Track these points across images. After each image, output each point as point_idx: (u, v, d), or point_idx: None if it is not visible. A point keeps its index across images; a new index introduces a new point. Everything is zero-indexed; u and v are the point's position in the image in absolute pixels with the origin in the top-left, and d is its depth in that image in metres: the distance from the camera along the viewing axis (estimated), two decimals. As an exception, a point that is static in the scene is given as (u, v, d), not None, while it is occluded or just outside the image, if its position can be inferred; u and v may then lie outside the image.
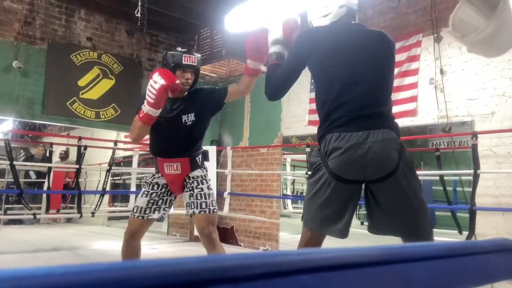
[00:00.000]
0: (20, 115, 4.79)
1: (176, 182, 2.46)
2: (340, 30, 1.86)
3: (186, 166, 2.43)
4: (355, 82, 1.75)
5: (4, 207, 4.99)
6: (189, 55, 2.42)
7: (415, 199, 1.63)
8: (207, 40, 5.70)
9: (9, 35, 4.71)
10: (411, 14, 4.34)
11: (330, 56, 1.79)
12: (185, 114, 2.42)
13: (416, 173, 1.70)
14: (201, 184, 2.43)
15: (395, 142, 1.66)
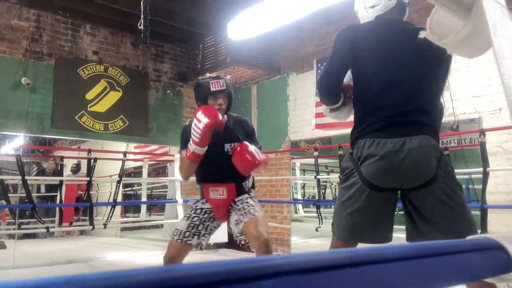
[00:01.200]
0: (30, 131, 4.88)
1: (221, 207, 2.41)
2: (385, 25, 1.72)
3: (232, 191, 2.39)
4: (395, 84, 1.64)
5: (18, 222, 5.06)
6: (217, 81, 2.39)
7: (456, 206, 1.54)
8: (212, 48, 5.75)
9: (17, 53, 4.81)
10: (413, 13, 4.33)
11: (370, 55, 1.69)
12: (228, 143, 2.41)
13: (457, 180, 1.61)
14: (246, 200, 2.39)
15: (434, 148, 1.57)
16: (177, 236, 2.37)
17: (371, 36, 1.71)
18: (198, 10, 5.22)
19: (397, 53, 1.67)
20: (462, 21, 0.65)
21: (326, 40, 5.09)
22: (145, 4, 3.46)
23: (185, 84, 6.18)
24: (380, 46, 1.68)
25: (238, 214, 2.32)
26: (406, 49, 1.66)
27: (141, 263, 5.11)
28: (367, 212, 1.61)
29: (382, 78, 1.66)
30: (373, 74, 1.68)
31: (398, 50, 1.66)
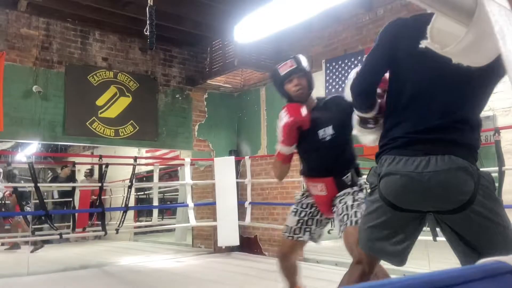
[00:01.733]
0: (43, 138, 4.93)
1: (323, 204, 2.25)
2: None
3: (331, 187, 2.17)
4: (427, 94, 1.43)
5: (32, 228, 5.11)
6: (284, 63, 2.18)
7: (499, 227, 1.37)
8: (219, 51, 5.74)
9: (28, 61, 4.87)
10: (423, 10, 4.25)
11: (407, 57, 1.46)
12: (321, 128, 2.16)
13: (499, 200, 1.43)
14: (345, 197, 2.14)
15: (465, 170, 1.36)
16: (288, 233, 2.28)
17: (415, 34, 1.34)
18: (205, 13, 5.22)
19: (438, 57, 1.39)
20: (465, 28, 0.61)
21: (335, 40, 5.03)
22: (150, 10, 3.45)
23: (194, 87, 6.19)
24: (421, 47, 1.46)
25: (338, 217, 2.12)
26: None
27: (154, 267, 5.13)
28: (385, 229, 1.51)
29: (414, 85, 1.46)
30: (406, 79, 1.48)
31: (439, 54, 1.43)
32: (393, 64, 1.51)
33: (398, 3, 4.46)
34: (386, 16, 4.56)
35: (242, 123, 6.43)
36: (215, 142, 6.27)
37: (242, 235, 5.88)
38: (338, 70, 4.84)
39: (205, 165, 6.53)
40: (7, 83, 4.64)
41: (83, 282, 4.30)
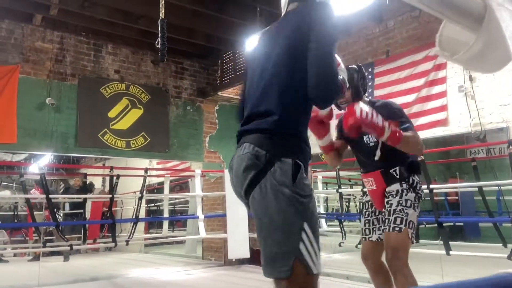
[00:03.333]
0: (55, 150, 4.98)
1: (375, 198, 2.32)
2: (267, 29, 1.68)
3: (379, 180, 2.27)
4: (250, 91, 1.55)
5: (43, 240, 5.14)
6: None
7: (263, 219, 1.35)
8: (230, 63, 5.78)
9: (42, 74, 4.95)
10: (434, 22, 4.23)
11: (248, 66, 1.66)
12: (366, 135, 2.28)
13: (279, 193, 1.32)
14: (392, 198, 2.20)
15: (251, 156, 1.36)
16: (362, 235, 2.38)
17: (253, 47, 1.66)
18: (217, 26, 5.27)
19: (257, 57, 1.57)
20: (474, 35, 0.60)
21: (345, 52, 5.03)
22: (162, 23, 3.50)
23: (205, 99, 6.22)
24: (252, 56, 1.64)
25: (384, 217, 2.21)
26: (263, 48, 1.54)
27: (164, 280, 5.10)
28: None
29: (247, 84, 1.60)
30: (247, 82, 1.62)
31: (258, 54, 1.57)
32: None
33: (408, 15, 4.45)
34: (397, 28, 4.56)
35: (252, 135, 6.43)
36: (225, 154, 6.27)
37: (252, 248, 5.83)
38: (348, 82, 4.82)
39: (215, 177, 6.52)
40: (21, 96, 4.73)
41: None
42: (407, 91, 4.24)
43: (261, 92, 1.47)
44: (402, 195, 2.17)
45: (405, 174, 2.21)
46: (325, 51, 1.35)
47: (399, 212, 2.11)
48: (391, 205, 2.16)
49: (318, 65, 1.34)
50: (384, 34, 4.66)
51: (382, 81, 4.51)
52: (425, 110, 4.07)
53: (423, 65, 4.18)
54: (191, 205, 7.57)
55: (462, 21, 0.55)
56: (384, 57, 4.59)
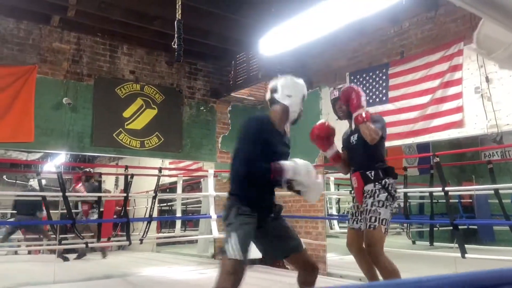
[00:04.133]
0: (71, 149, 5.06)
1: (357, 193, 2.80)
2: None
3: (359, 180, 2.75)
4: None
5: (59, 237, 5.22)
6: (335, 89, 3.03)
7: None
8: (244, 64, 5.81)
9: (59, 74, 5.03)
10: (449, 22, 4.21)
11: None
12: (353, 135, 2.84)
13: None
14: (367, 199, 2.67)
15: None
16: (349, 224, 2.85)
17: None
18: (231, 27, 5.30)
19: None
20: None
21: (359, 53, 5.02)
22: (178, 24, 3.53)
23: (218, 100, 6.26)
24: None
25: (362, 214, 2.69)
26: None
27: (177, 278, 5.14)
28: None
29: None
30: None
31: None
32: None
33: (423, 16, 4.42)
34: (411, 29, 4.53)
35: (265, 136, 6.43)
36: (238, 154, 6.28)
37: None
38: (362, 83, 4.81)
39: (227, 177, 6.55)
40: (38, 95, 4.81)
41: (108, 291, 4.35)
42: (422, 92, 4.21)
43: None
44: (375, 195, 2.63)
45: (380, 176, 2.67)
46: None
47: (373, 212, 2.58)
48: (367, 205, 2.63)
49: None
50: (399, 35, 4.64)
51: (396, 82, 4.49)
52: (440, 111, 4.04)
53: (438, 66, 4.15)
54: (204, 205, 7.61)
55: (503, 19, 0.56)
56: (398, 58, 4.57)
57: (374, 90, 4.70)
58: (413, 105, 4.28)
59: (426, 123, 4.12)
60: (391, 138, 4.49)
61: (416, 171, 7.08)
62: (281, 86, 2.38)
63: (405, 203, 5.35)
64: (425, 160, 6.81)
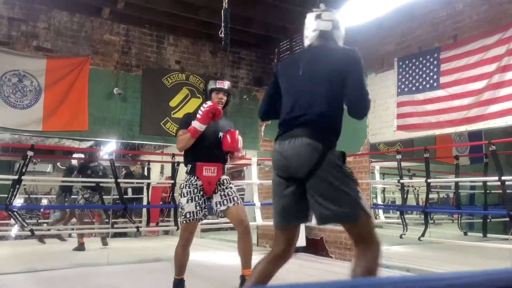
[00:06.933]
0: (122, 137, 5.26)
1: (212, 183, 3.07)
2: (302, 53, 2.29)
3: (219, 170, 3.11)
4: (295, 97, 2.06)
5: (111, 221, 5.47)
6: (221, 81, 3.28)
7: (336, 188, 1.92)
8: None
9: (110, 65, 5.23)
10: (507, 3, 3.97)
11: (285, 78, 2.17)
12: (221, 131, 3.12)
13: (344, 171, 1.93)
14: (229, 185, 3.12)
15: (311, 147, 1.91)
16: (192, 217, 2.97)
17: (287, 65, 2.26)
18: (275, 15, 5.27)
19: (299, 73, 2.08)
20: None
21: (409, 37, 4.85)
22: (225, 13, 3.57)
23: (261, 88, 6.27)
24: (290, 70, 2.15)
25: (222, 197, 3.05)
26: (308, 68, 2.07)
27: (222, 263, 5.26)
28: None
29: (288, 95, 2.10)
30: (284, 92, 2.14)
31: (301, 71, 2.08)
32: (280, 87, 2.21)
33: (479, -4, 4.20)
34: (466, 10, 4.32)
35: (308, 124, 6.40)
36: (281, 143, 6.29)
37: (308, 236, 5.85)
38: (412, 69, 4.66)
39: (270, 166, 6.58)
40: (91, 86, 5.02)
41: (158, 274, 4.52)
42: (477, 77, 4.02)
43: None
44: (231, 184, 3.15)
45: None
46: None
47: (236, 192, 3.13)
48: (232, 188, 3.12)
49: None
50: (451, 18, 4.43)
51: (449, 67, 4.31)
52: (496, 97, 3.84)
53: (495, 49, 3.94)
54: (247, 192, 7.69)
55: None
56: (451, 41, 4.37)
57: (425, 76, 4.53)
58: (467, 91, 4.09)
59: (481, 110, 3.94)
60: (442, 126, 4.33)
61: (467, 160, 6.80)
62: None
63: (456, 193, 5.16)
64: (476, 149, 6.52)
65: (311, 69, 2.04)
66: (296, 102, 2.02)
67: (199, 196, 3.02)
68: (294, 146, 1.91)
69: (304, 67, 2.07)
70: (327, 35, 2.15)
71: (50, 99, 4.77)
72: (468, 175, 6.62)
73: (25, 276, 4.29)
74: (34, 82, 4.71)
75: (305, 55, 2.16)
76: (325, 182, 1.86)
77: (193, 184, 3.03)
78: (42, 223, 8.64)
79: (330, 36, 2.16)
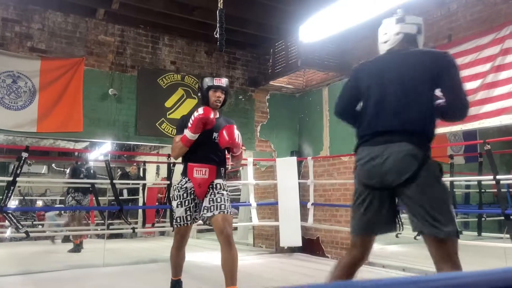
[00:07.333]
0: (117, 138, 5.25)
1: (203, 186, 2.90)
2: (386, 56, 2.12)
3: (212, 173, 2.91)
4: (383, 102, 1.99)
5: (107, 223, 5.45)
6: (219, 78, 3.02)
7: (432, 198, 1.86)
8: (282, 52, 5.77)
9: (105, 66, 5.20)
10: (501, 4, 4.00)
11: (370, 81, 2.07)
12: (216, 132, 2.92)
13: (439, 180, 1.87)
14: (221, 190, 2.91)
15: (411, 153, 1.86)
16: (183, 222, 2.89)
17: (372, 66, 2.14)
18: (269, 15, 5.28)
19: (389, 74, 2.01)
20: None
21: (403, 38, 4.86)
22: (220, 13, 3.56)
23: (256, 89, 6.27)
24: (377, 73, 2.06)
25: (210, 202, 2.85)
26: (396, 72, 2.00)
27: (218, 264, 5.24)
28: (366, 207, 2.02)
29: (374, 98, 2.02)
30: (371, 96, 2.04)
31: (391, 72, 2.01)
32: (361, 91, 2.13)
33: (473, -3, 4.22)
34: (460, 11, 4.34)
35: (304, 124, 6.41)
36: (277, 143, 6.31)
37: (304, 236, 5.86)
38: (406, 69, 4.68)
39: (266, 166, 6.59)
40: (86, 87, 5.00)
41: (154, 275, 4.51)
42: (471, 77, 4.04)
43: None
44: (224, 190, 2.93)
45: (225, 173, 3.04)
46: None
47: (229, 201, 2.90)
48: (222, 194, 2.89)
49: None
50: (446, 18, 4.46)
51: (443, 67, 4.33)
52: (491, 96, 3.87)
53: (489, 49, 3.97)
54: (243, 193, 7.70)
55: None
56: (446, 42, 4.39)
57: (419, 76, 4.56)
58: (461, 91, 4.12)
59: (476, 109, 3.96)
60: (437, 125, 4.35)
61: (462, 159, 6.84)
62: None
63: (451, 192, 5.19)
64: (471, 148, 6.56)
65: (401, 74, 1.98)
66: (388, 107, 1.96)
67: (189, 200, 2.90)
68: (391, 152, 1.85)
69: (393, 72, 2.01)
70: (411, 38, 2.10)
71: (45, 100, 4.74)
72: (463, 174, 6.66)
73: (20, 278, 4.27)
74: (28, 83, 4.69)
75: (391, 59, 2.07)
76: (426, 193, 1.80)
77: (183, 187, 2.90)
78: (37, 225, 8.58)
79: (414, 39, 2.10)
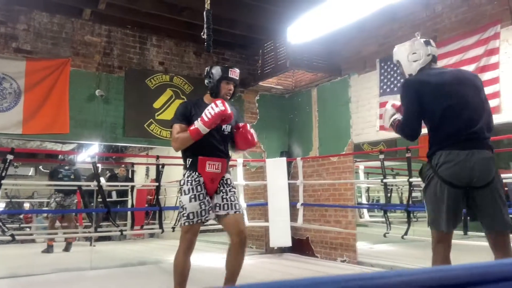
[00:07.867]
0: (105, 139, 5.20)
1: (215, 180, 2.68)
2: (443, 73, 2.39)
3: (224, 167, 2.71)
4: (459, 114, 2.24)
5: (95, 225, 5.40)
6: (234, 70, 2.75)
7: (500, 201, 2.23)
8: (271, 53, 5.78)
9: (91, 66, 5.16)
10: (485, 5, 4.05)
11: (435, 93, 2.29)
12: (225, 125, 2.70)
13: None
14: (232, 187, 2.73)
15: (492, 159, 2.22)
16: (196, 218, 2.57)
17: (430, 80, 2.33)
18: (258, 16, 5.28)
19: (457, 88, 2.30)
20: None
21: (391, 39, 4.91)
22: (207, 14, 3.55)
23: (246, 89, 6.27)
24: (441, 86, 2.29)
25: (224, 201, 2.65)
26: (462, 83, 2.32)
27: (208, 265, 5.23)
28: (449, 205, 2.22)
29: (451, 111, 2.25)
30: (443, 109, 2.25)
31: (458, 85, 2.30)
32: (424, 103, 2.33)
33: (458, -2, 4.27)
34: (445, 12, 4.39)
35: (293, 125, 6.43)
36: (266, 144, 6.31)
37: (293, 237, 5.87)
38: (393, 69, 4.71)
39: (256, 166, 6.59)
40: (72, 88, 4.95)
41: (142, 277, 4.48)
42: (456, 77, 4.09)
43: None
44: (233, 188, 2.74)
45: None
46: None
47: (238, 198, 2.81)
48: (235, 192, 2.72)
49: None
50: (431, 19, 4.50)
51: (429, 68, 4.37)
52: (476, 97, 3.92)
53: (473, 50, 4.02)
54: (232, 194, 7.66)
55: None
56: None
57: (406, 77, 4.60)
58: (447, 91, 4.16)
59: (461, 110, 4.00)
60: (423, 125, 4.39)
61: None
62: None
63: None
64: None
65: (466, 90, 2.29)
66: (468, 117, 2.22)
67: (204, 194, 2.60)
68: (480, 158, 2.16)
69: (460, 86, 2.30)
70: (435, 59, 2.46)
71: (30, 102, 4.68)
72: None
73: (6, 281, 4.21)
74: (13, 85, 4.62)
75: (442, 75, 2.35)
76: (499, 194, 2.18)
77: (196, 180, 2.61)
78: (24, 228, 8.47)
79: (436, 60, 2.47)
